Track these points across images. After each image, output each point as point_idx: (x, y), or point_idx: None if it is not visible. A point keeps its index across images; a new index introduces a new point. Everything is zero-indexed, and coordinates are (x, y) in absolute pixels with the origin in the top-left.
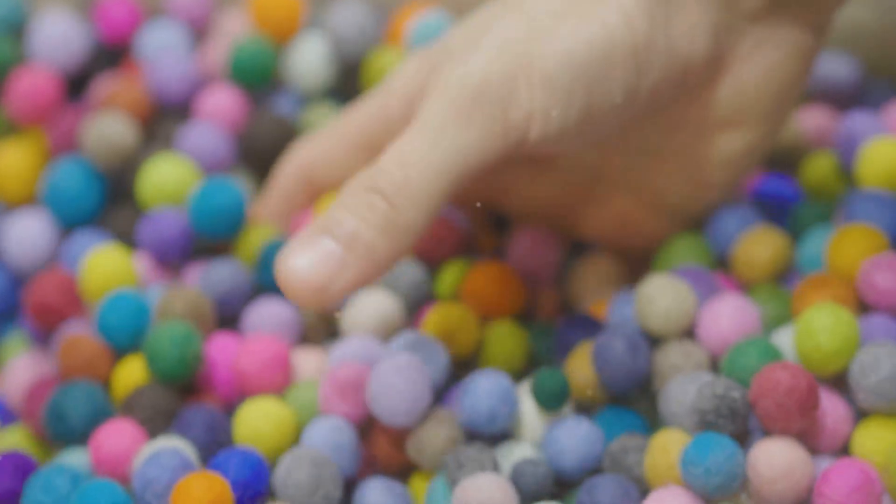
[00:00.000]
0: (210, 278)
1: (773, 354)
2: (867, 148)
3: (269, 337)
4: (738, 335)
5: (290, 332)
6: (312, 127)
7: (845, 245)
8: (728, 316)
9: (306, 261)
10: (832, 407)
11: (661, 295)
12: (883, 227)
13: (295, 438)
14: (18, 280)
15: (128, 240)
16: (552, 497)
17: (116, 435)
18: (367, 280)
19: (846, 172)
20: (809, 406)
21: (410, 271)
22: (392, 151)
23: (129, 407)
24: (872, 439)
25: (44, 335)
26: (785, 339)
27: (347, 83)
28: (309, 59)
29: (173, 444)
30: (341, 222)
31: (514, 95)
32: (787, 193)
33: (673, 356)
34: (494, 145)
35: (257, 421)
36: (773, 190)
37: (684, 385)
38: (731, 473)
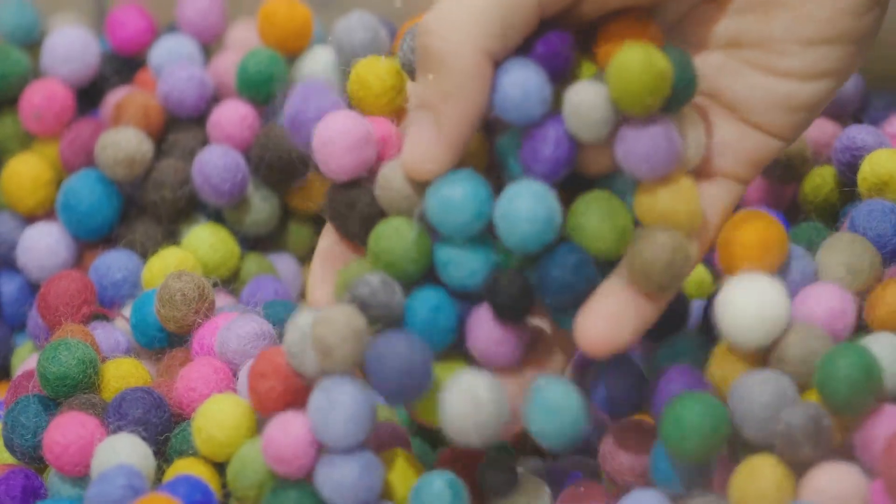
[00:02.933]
0: None
1: (871, 367)
2: (867, 159)
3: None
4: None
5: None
6: None
7: None
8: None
9: (410, 144)
10: None
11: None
12: (886, 236)
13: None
14: (33, 291)
15: (143, 252)
16: None
17: (70, 428)
18: (465, 125)
19: (847, 185)
20: None
21: None
22: None
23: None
24: None
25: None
26: (877, 346)
27: None
28: (318, 72)
29: (125, 447)
30: (416, 90)
31: None
32: None
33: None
34: None
35: (215, 417)
36: None
37: (761, 385)
38: None
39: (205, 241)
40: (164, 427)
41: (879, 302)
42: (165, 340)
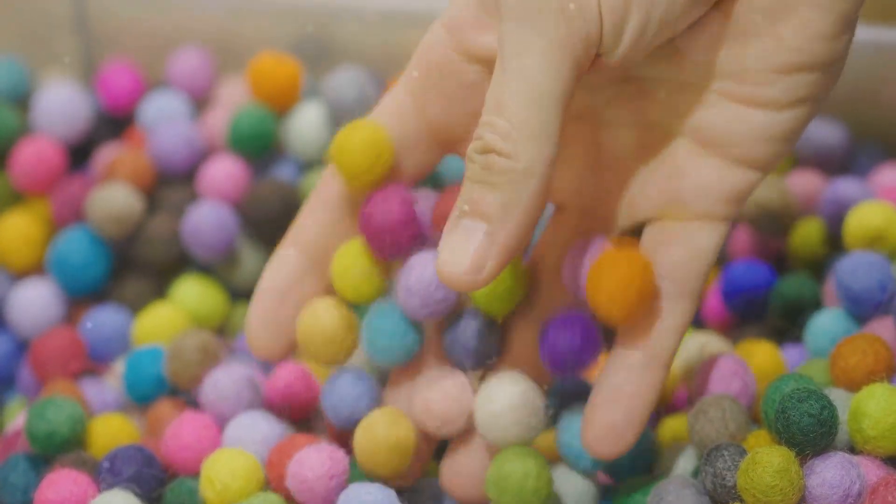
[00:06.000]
0: None
1: (806, 382)
2: (853, 212)
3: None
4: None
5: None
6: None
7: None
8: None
9: (452, 250)
10: None
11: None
12: (872, 290)
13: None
14: (24, 347)
15: (134, 308)
16: None
17: (63, 485)
18: (520, 240)
19: (834, 237)
20: None
21: None
22: (488, 101)
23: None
24: None
25: (40, 392)
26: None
27: None
28: (308, 127)
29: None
30: (470, 196)
31: None
32: (762, 280)
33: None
34: (579, 46)
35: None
36: (746, 281)
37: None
38: None
39: (193, 291)
40: (157, 483)
41: (837, 359)
42: (158, 396)
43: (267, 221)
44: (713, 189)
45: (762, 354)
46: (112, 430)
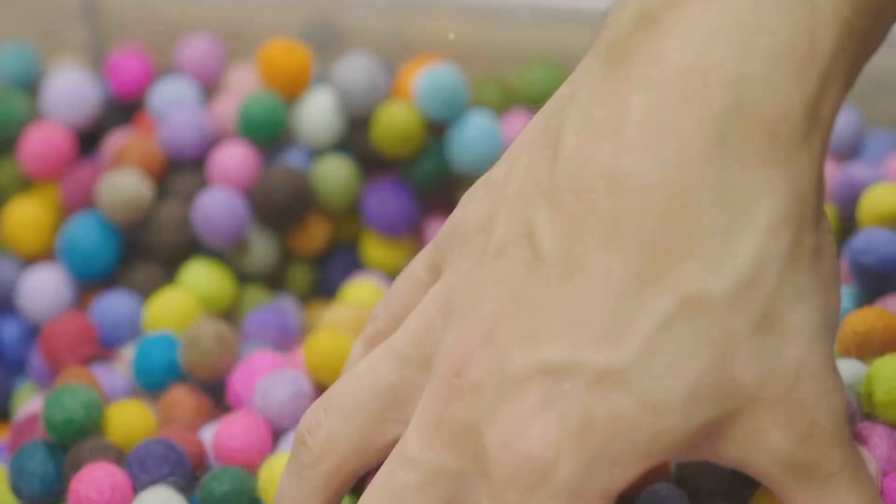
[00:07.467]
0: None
1: None
2: (867, 193)
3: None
4: None
5: None
6: (322, 181)
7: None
8: None
9: None
10: None
11: None
12: (883, 263)
13: None
14: (33, 333)
15: (144, 294)
16: None
17: (97, 473)
18: None
19: (847, 222)
20: None
21: None
22: None
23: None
24: None
25: (51, 378)
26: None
27: (356, 137)
28: (318, 114)
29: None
30: None
31: None
32: None
33: None
34: None
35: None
36: None
37: None
38: None
39: (201, 275)
40: (188, 482)
41: (846, 330)
42: (168, 383)
43: (277, 209)
44: None
45: None
46: (129, 417)
